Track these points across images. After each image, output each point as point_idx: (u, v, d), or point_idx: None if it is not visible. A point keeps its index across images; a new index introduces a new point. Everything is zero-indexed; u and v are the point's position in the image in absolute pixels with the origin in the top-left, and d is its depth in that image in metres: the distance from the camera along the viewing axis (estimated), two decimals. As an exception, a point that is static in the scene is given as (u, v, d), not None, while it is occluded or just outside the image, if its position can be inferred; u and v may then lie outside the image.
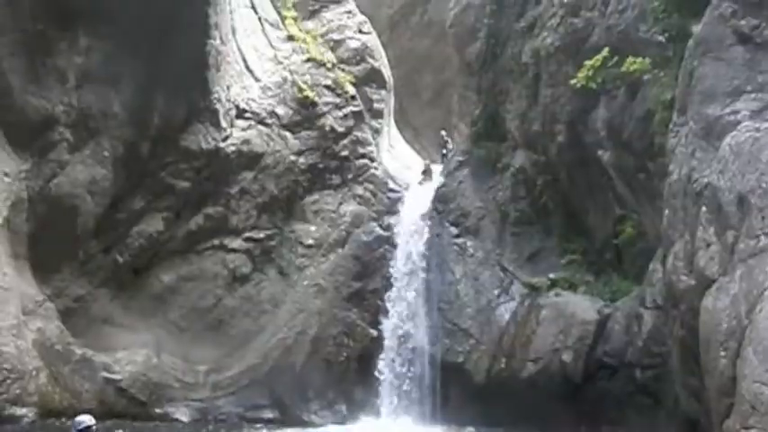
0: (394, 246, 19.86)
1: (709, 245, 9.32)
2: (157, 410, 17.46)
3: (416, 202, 20.87)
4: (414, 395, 17.98)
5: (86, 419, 12.11)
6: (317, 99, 21.29)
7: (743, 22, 10.37)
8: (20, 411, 15.05)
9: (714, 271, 9.03)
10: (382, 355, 18.49)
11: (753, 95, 9.80)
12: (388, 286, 19.24)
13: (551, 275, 17.73)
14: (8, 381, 15.08)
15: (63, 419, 14.31)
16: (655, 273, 14.23)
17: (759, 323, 7.31)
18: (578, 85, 16.44)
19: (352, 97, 21.99)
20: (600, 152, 16.69)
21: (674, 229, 11.07)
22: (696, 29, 11.62)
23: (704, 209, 9.60)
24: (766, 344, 7.12)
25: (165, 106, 18.52)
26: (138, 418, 16.79)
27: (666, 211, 11.66)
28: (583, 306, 16.46)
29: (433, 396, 17.79)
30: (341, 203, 20.88)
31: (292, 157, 20.63)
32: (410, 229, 20.03)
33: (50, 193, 17.15)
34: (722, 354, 7.91)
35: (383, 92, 23.14)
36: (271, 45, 21.80)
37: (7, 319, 15.54)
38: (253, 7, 21.54)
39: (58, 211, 17.21)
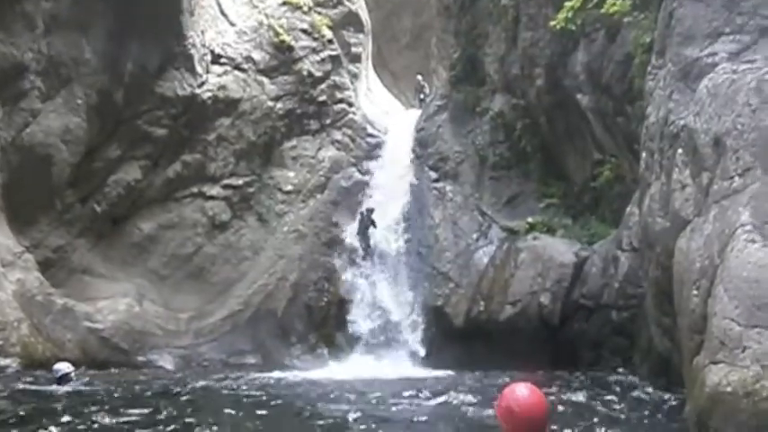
0: (373, 190, 19.89)
1: (684, 186, 9.41)
2: (140, 358, 17.57)
3: (396, 146, 20.83)
4: (394, 339, 18.22)
5: (64, 367, 12.27)
6: (293, 43, 20.97)
7: (722, -38, 10.25)
8: (3, 362, 15.06)
9: (689, 212, 9.13)
10: (361, 300, 18.67)
11: (731, 37, 9.76)
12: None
13: (530, 219, 17.88)
14: (-10, 332, 15.09)
15: (46, 369, 14.37)
16: (631, 216, 14.37)
17: (730, 262, 7.44)
18: (558, 27, 16.29)
19: (330, 41, 21.68)
20: (579, 96, 16.66)
21: (651, 171, 11.15)
22: (676, -31, 11.47)
23: (680, 151, 9.65)
24: (736, 282, 7.27)
25: (138, 52, 18.14)
26: (121, 366, 16.92)
27: (643, 154, 11.72)
28: (560, 249, 16.64)
29: (413, 339, 18.03)
30: (319, 149, 20.79)
31: (269, 103, 20.41)
32: (391, 174, 20.04)
33: (23, 143, 16.86)
34: (694, 293, 8.07)
35: (361, 35, 22.82)
36: (245, -12, 21.33)
37: (-15, 271, 15.46)
38: (226, -51, 20.99)
39: (32, 161, 16.95)
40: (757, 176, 7.90)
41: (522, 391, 3.53)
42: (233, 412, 10.44)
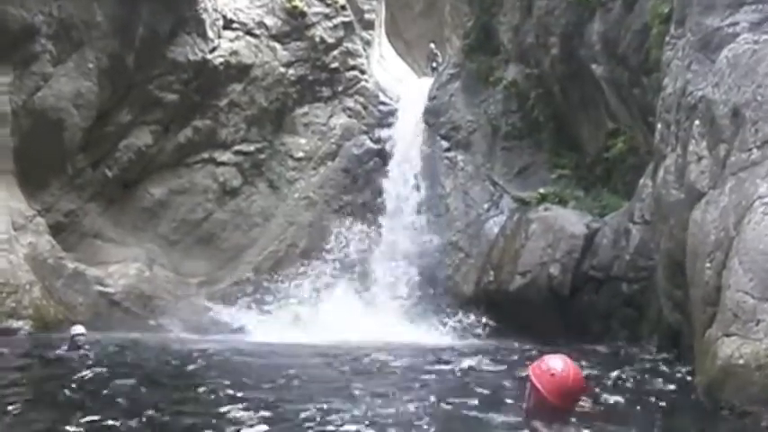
0: (385, 159, 19.83)
1: (700, 158, 9.31)
2: (151, 322, 17.71)
3: (408, 114, 20.72)
4: (404, 307, 18.28)
5: (79, 329, 12.43)
6: (306, 9, 20.77)
7: (746, -71, 10.03)
8: (16, 324, 15.20)
9: (704, 184, 9.05)
10: (372, 267, 18.72)
11: (753, 7, 9.58)
12: (380, 198, 19.32)
13: (541, 190, 17.78)
14: (2, 294, 15.19)
15: (58, 332, 14.50)
16: (644, 188, 14.26)
17: (746, 234, 7.39)
18: (574, -4, 16.06)
19: (342, 7, 21.45)
20: (594, 66, 16.45)
21: (666, 143, 11.03)
22: (697, -64, 11.24)
23: (697, 122, 9.54)
24: (752, 254, 7.22)
25: (149, 17, 18.00)
26: (132, 330, 17.06)
27: (659, 126, 11.59)
28: (572, 220, 16.54)
29: (424, 308, 18.08)
30: (331, 116, 20.70)
31: (281, 69, 20.28)
32: (404, 142, 19.96)
33: (35, 107, 16.82)
34: (708, 265, 8.02)
35: (374, 2, 22.59)
36: (258, -48, 21.07)
37: (-2, 234, 15.55)
38: None
39: (43, 125, 16.93)
40: (776, 148, 7.81)
41: (565, 362, 3.67)
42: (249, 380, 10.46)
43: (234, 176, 19.61)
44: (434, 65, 23.94)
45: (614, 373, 10.48)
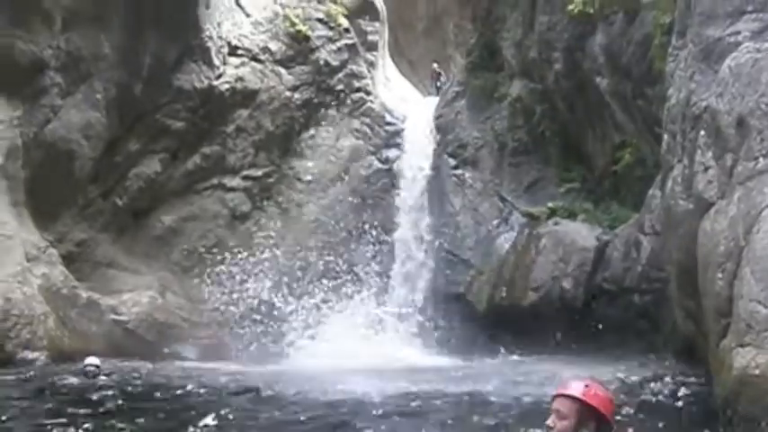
0: (393, 179, 19.90)
1: (707, 168, 9.29)
2: (165, 350, 17.76)
3: (415, 134, 20.82)
4: (417, 326, 18.26)
5: (94, 361, 12.43)
6: (309, 33, 20.96)
7: (743, -61, 10.09)
8: (32, 355, 15.26)
9: (713, 194, 9.02)
10: (385, 287, 18.72)
11: (753, 15, 9.59)
12: (390, 218, 19.37)
13: (550, 204, 17.79)
14: (18, 326, 15.26)
15: (73, 362, 14.54)
16: (653, 199, 14.24)
17: (756, 243, 7.36)
18: (575, 11, 16.14)
19: (346, 30, 21.65)
20: (598, 79, 16.51)
21: (673, 153, 11.02)
22: (695, -53, 11.32)
23: (703, 132, 9.53)
24: (763, 264, 7.19)
25: (155, 46, 18.22)
26: (147, 357, 17.10)
27: (665, 137, 11.58)
28: (582, 234, 16.55)
29: (436, 326, 18.07)
30: (338, 138, 20.82)
31: (287, 93, 20.44)
32: (412, 161, 20.06)
33: (45, 139, 17.02)
34: (719, 275, 7.99)
35: (377, 24, 22.77)
36: (260, -21, 21.34)
37: (12, 267, 15.61)
38: (241, -60, 21.00)
39: (54, 157, 17.11)
40: (782, 156, 7.80)
41: (604, 387, 4.03)
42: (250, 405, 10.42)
43: (243, 201, 19.72)
44: (438, 84, 24.07)
45: (631, 385, 10.42)
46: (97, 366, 12.26)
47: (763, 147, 8.02)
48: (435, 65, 24.51)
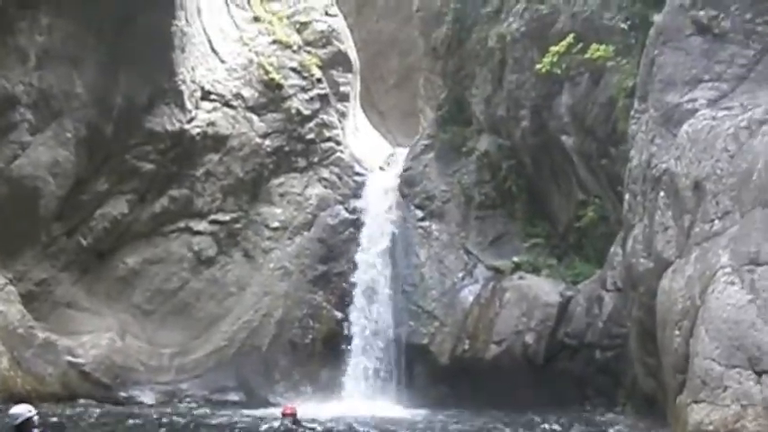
0: (359, 229, 19.98)
1: (666, 228, 9.60)
2: (122, 394, 17.39)
3: (381, 185, 21.00)
4: (379, 377, 18.16)
5: (24, 410, 10.38)
6: (282, 81, 21.21)
7: (702, 13, 10.63)
8: (-19, 396, 14.89)
9: (671, 254, 9.31)
10: (347, 338, 18.64)
11: (710, 84, 10.07)
12: (354, 269, 19.37)
13: (515, 258, 18.00)
14: (-30, 365, 14.92)
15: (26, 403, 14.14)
16: (615, 256, 14.56)
17: (711, 303, 7.60)
18: (543, 70, 16.66)
19: (318, 80, 21.94)
20: (563, 137, 16.96)
21: (634, 213, 11.36)
22: (657, 18, 11.87)
23: (662, 194, 9.87)
24: (717, 323, 7.42)
25: (128, 87, 18.28)
26: (102, 402, 16.72)
27: (627, 196, 11.95)
28: (545, 289, 16.77)
29: (399, 378, 18.00)
30: (306, 186, 20.89)
31: (258, 140, 20.56)
32: (377, 212, 20.16)
33: (11, 175, 16.86)
34: (677, 333, 8.21)
35: (349, 75, 23.12)
36: (236, 26, 21.62)
37: (-32, 304, 15.34)
38: (218, -13, 21.34)
39: (19, 194, 16.94)
40: (736, 220, 8.10)
41: None
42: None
43: (209, 246, 19.59)
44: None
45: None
46: (28, 418, 10.25)
47: (718, 210, 8.35)
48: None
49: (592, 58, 15.48)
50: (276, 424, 13.15)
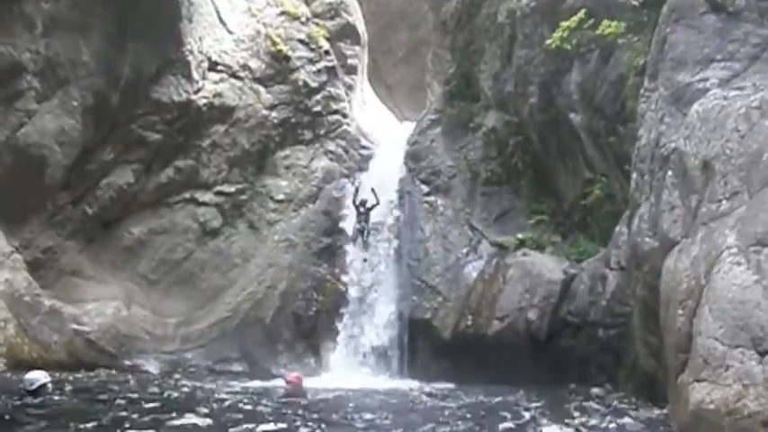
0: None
1: (673, 208, 9.56)
2: (127, 362, 17.57)
3: (388, 159, 20.96)
4: (381, 350, 18.28)
5: (40, 376, 10.19)
6: (290, 53, 21.12)
7: (716, -10, 10.48)
8: (-12, 361, 15.06)
9: (677, 233, 9.28)
10: (350, 310, 18.74)
11: (722, 64, 9.96)
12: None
13: (519, 235, 18.01)
14: (-24, 331, 15.06)
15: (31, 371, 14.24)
16: (620, 235, 14.52)
17: (716, 283, 7.59)
18: (553, 47, 16.50)
19: (326, 52, 21.84)
20: (571, 115, 16.85)
21: (641, 192, 11.30)
22: (670, -6, 11.70)
23: (670, 173, 9.81)
24: (721, 303, 7.41)
25: (135, 57, 18.22)
26: (107, 370, 16.88)
27: (634, 175, 11.88)
28: (549, 266, 16.78)
29: (401, 352, 18.11)
30: (312, 159, 20.90)
31: (264, 112, 20.52)
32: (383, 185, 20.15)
33: (18, 143, 16.88)
34: (680, 312, 8.21)
35: (357, 48, 23.01)
36: (244, -3, 21.50)
37: (-26, 270, 15.44)
38: (226, -43, 21.16)
39: (25, 162, 16.97)
40: (744, 200, 8.06)
41: None
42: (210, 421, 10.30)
43: (214, 217, 19.66)
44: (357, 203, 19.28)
45: (592, 420, 10.55)
46: (44, 384, 10.17)
47: (726, 190, 8.30)
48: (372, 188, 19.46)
49: (602, 34, 15.29)
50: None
